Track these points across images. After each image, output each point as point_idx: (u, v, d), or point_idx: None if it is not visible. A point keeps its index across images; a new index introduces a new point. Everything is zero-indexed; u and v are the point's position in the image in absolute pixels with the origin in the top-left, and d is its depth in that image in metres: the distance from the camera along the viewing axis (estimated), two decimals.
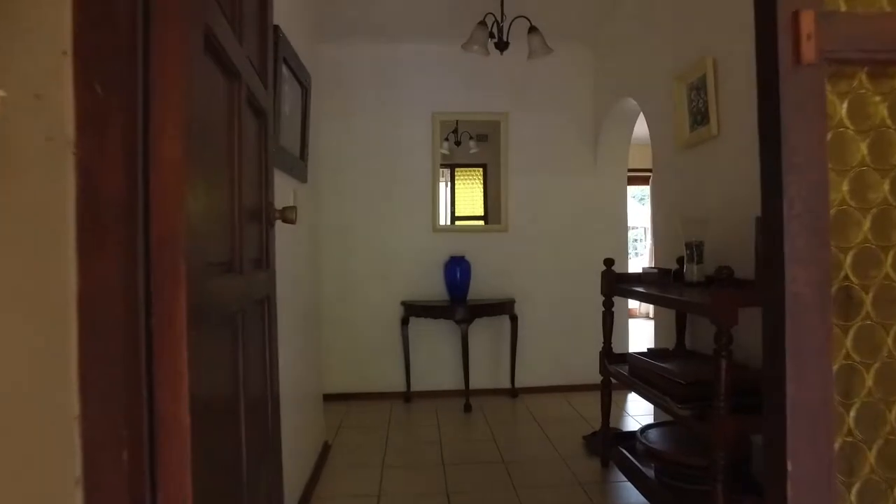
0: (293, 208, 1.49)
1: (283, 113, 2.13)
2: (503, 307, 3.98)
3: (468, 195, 4.56)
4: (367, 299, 4.15)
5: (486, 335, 4.24)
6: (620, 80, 3.80)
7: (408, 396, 4.09)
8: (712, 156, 2.60)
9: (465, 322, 3.80)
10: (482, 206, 4.70)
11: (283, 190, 2.19)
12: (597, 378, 4.20)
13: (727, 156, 2.49)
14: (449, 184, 4.59)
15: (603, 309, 2.78)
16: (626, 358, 2.76)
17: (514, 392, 4.18)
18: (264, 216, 1.44)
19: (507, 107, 4.28)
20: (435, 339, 4.21)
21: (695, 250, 2.51)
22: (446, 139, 4.48)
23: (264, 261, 1.45)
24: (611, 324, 2.78)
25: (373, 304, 4.15)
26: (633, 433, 2.80)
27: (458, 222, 4.42)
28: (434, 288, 4.19)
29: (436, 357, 4.21)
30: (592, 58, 4.35)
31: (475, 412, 3.82)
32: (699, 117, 2.67)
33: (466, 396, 3.85)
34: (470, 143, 4.57)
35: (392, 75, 4.19)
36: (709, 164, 2.64)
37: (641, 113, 3.58)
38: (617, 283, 2.71)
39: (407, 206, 4.19)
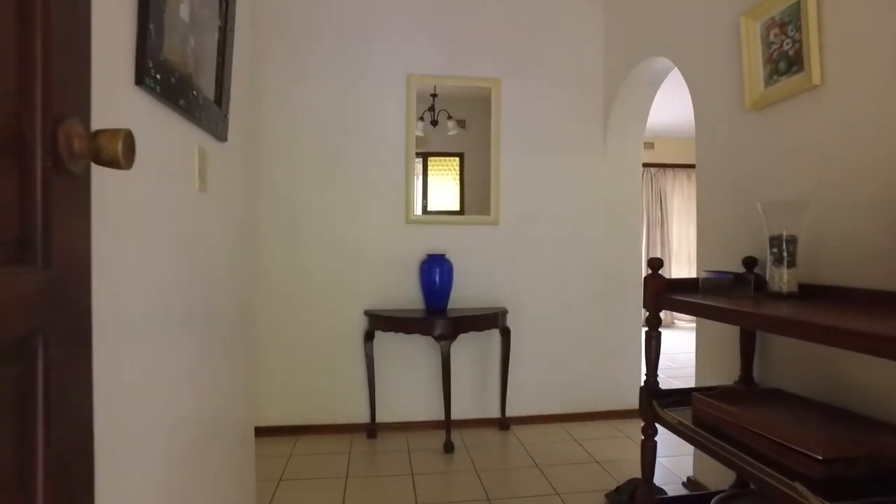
0: (119, 134, 0.66)
1: (178, 19, 1.28)
2: (493, 319, 3.17)
3: (442, 189, 3.75)
4: (321, 307, 3.29)
5: (470, 353, 3.43)
6: (644, 36, 3.04)
7: (372, 430, 3.25)
8: (807, 115, 1.85)
9: (447, 339, 2.98)
10: (458, 201, 3.90)
11: (168, 139, 1.34)
12: (602, 405, 3.46)
13: (836, 113, 1.74)
14: (421, 176, 3.77)
15: (646, 328, 2.00)
16: (679, 394, 1.99)
17: (504, 423, 3.38)
18: (31, 146, 0.60)
19: (498, 72, 3.48)
20: (407, 359, 3.38)
21: (784, 248, 1.76)
22: (421, 118, 3.65)
23: (34, 246, 0.61)
24: (657, 350, 2.01)
25: (328, 314, 3.30)
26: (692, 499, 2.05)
27: (437, 214, 3.60)
28: (406, 294, 3.36)
29: (408, 381, 3.38)
30: (602, 17, 3.59)
31: (458, 452, 3.00)
32: (784, 64, 1.92)
33: (447, 432, 3.03)
34: (448, 124, 3.75)
35: (359, 25, 3.34)
36: (800, 127, 1.89)
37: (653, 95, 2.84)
38: (667, 294, 1.94)
39: (374, 190, 3.35)
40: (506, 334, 3.31)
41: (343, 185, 3.31)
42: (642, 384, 2.02)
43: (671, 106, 5.50)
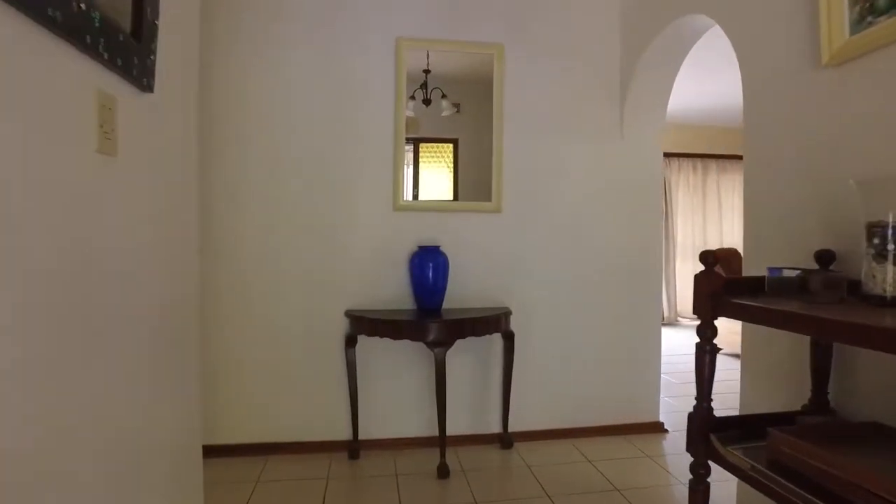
0: None
1: None
2: (495, 322, 2.73)
3: (435, 178, 3.29)
4: (295, 307, 2.84)
5: (468, 359, 3.00)
6: None
7: (354, 449, 2.81)
8: None
9: (442, 345, 2.54)
10: (452, 191, 3.46)
11: (36, 72, 0.89)
12: (616, 418, 3.04)
13: None
14: (411, 165, 3.32)
15: (701, 343, 1.57)
16: (736, 426, 1.57)
17: (506, 440, 2.95)
18: None
19: (501, 37, 3.03)
20: (395, 367, 2.94)
21: (892, 239, 1.33)
22: (412, 97, 3.20)
23: None
24: (711, 369, 1.58)
25: (304, 315, 2.85)
26: None
27: (430, 201, 3.15)
28: (394, 291, 2.92)
29: (396, 392, 2.94)
30: None
31: (454, 477, 2.57)
32: (884, 1, 1.49)
33: (442, 454, 2.60)
34: (442, 104, 3.30)
35: None
36: None
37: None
38: (726, 296, 1.51)
39: (357, 172, 2.90)
40: (509, 339, 2.88)
41: (322, 166, 2.85)
42: (693, 411, 1.60)
43: (676, 91, 5.07)
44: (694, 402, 1.62)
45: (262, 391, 2.82)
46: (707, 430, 1.53)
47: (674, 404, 3.65)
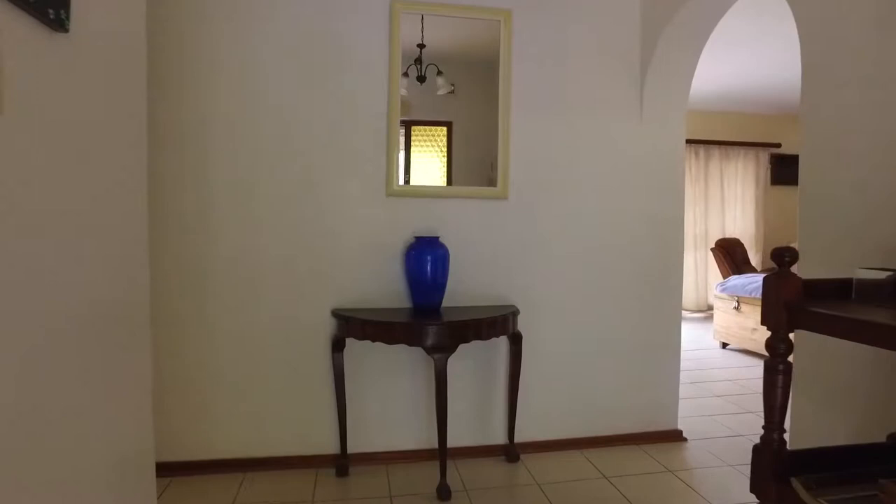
0: None
1: None
2: (502, 323, 2.42)
3: (426, 163, 2.95)
4: (276, 306, 2.51)
5: (470, 364, 2.69)
6: None
7: (343, 465, 2.49)
8: None
9: (443, 351, 2.23)
10: (444, 178, 3.13)
11: None
12: (631, 427, 2.76)
13: None
14: (403, 150, 2.99)
15: (772, 361, 1.27)
16: (813, 462, 1.27)
17: (512, 452, 2.65)
18: None
19: (508, 1, 2.70)
20: (388, 372, 2.62)
21: None
22: (405, 73, 2.86)
23: None
24: (784, 396, 1.27)
25: (285, 315, 2.52)
26: None
27: (428, 187, 2.82)
28: (388, 288, 2.59)
29: (390, 400, 2.63)
30: None
31: (456, 498, 2.27)
32: None
33: (442, 472, 2.30)
34: (438, 82, 2.95)
35: None
36: None
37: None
38: (805, 305, 1.21)
39: (345, 153, 2.56)
40: (516, 341, 2.57)
41: (305, 146, 2.51)
42: (760, 444, 1.30)
43: None
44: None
45: (239, 400, 2.50)
46: (780, 470, 1.23)
47: (686, 407, 3.36)
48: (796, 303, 1.22)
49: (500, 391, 2.72)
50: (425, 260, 2.42)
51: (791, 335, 1.28)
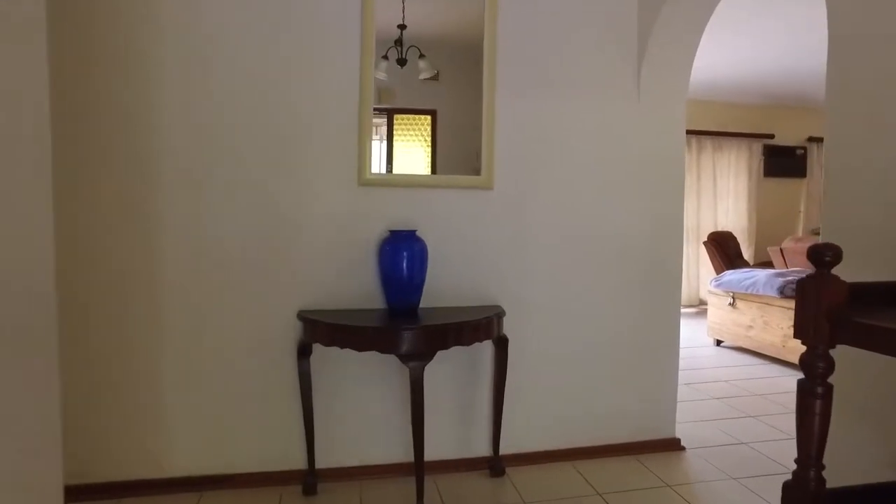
0: None
1: None
2: (486, 326, 2.19)
3: (410, 154, 2.71)
4: (235, 307, 2.25)
5: (451, 370, 2.46)
6: None
7: (310, 482, 2.26)
8: None
9: (419, 358, 1.99)
10: (429, 169, 2.89)
11: None
12: (626, 436, 2.56)
13: None
14: (385, 140, 2.74)
15: (809, 382, 1.04)
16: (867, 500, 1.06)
17: (496, 465, 2.43)
18: None
19: None
20: (361, 379, 2.38)
21: None
22: (385, 56, 2.61)
23: None
24: (823, 426, 1.05)
25: (246, 317, 2.27)
26: None
27: (403, 175, 2.57)
28: (360, 286, 2.35)
29: (362, 410, 2.39)
30: None
31: None
32: None
33: (419, 492, 2.06)
34: (420, 65, 2.70)
35: None
36: None
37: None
38: (853, 315, 0.99)
39: (312, 138, 2.30)
40: (502, 345, 2.34)
41: (270, 131, 2.25)
42: (793, 482, 1.07)
43: None
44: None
45: (193, 412, 2.24)
46: None
47: (682, 411, 3.15)
48: (841, 312, 1.00)
49: (483, 399, 2.50)
50: (400, 256, 2.17)
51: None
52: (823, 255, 1.02)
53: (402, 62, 2.63)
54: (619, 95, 2.58)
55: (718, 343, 4.96)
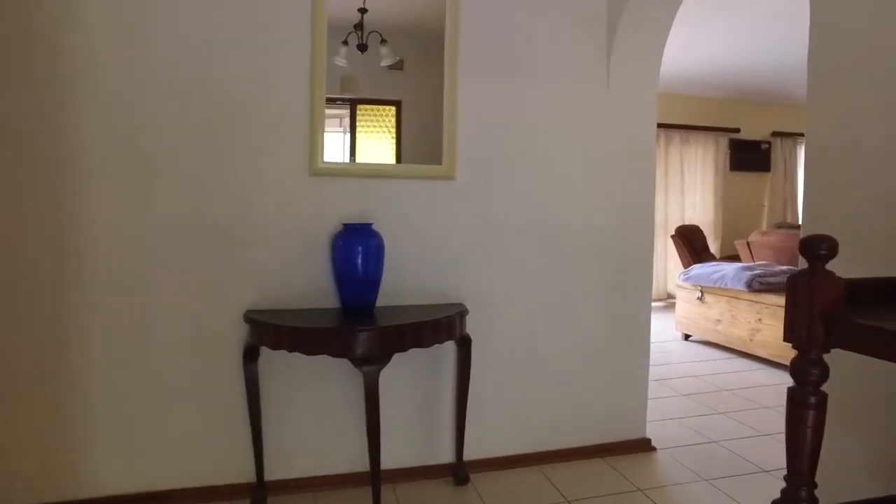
0: None
1: None
2: (447, 327, 2.04)
3: (374, 147, 2.54)
4: (175, 307, 2.06)
5: (410, 372, 2.31)
6: None
7: (259, 495, 2.09)
8: None
9: (375, 362, 1.83)
10: (394, 162, 2.74)
11: None
12: (595, 437, 2.46)
13: None
14: (348, 132, 2.57)
15: (800, 391, 0.93)
16: None
17: (460, 472, 2.29)
18: None
19: None
20: (315, 384, 2.21)
21: None
22: (344, 42, 2.43)
23: None
24: (815, 439, 0.93)
25: (187, 318, 2.07)
26: None
27: (359, 164, 2.40)
28: (312, 284, 2.18)
29: (316, 417, 2.23)
30: None
31: None
32: None
33: (375, 498, 1.91)
34: (382, 51, 2.54)
35: None
36: None
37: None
38: (851, 316, 0.87)
39: (260, 125, 2.11)
40: (464, 345, 2.20)
41: (211, 116, 2.05)
42: (781, 500, 0.96)
43: None
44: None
45: (130, 424, 2.04)
46: None
47: (651, 409, 3.06)
48: (838, 313, 0.88)
49: (446, 402, 2.35)
50: (355, 251, 2.01)
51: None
52: (817, 248, 0.90)
53: (362, 48, 2.47)
54: (588, 84, 2.46)
55: (686, 337, 4.93)
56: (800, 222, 6.85)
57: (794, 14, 4.32)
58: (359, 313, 2.04)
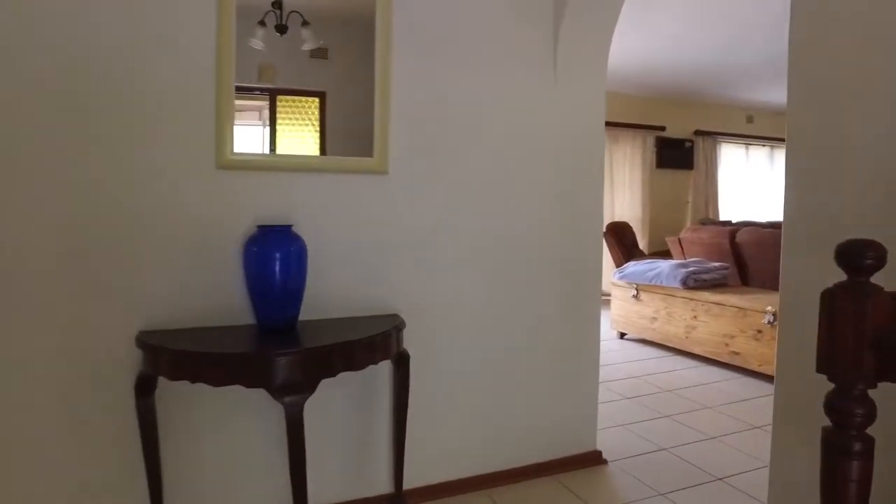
0: None
1: None
2: (383, 344, 1.76)
3: (296, 140, 2.23)
4: (44, 325, 1.66)
5: (339, 395, 2.02)
6: None
7: None
8: None
9: (296, 392, 1.54)
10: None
11: None
12: (544, 453, 2.28)
13: None
14: (268, 125, 2.23)
15: (840, 436, 0.74)
16: None
17: (399, 502, 2.03)
18: None
19: None
20: (224, 418, 1.88)
21: None
22: (261, 23, 2.11)
23: None
24: (863, 486, 0.75)
25: (63, 338, 1.68)
26: None
27: (277, 156, 2.07)
28: (221, 299, 1.84)
29: (229, 457, 1.89)
30: None
31: None
32: None
33: None
34: (303, 34, 2.23)
35: None
36: None
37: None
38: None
39: (152, 111, 1.75)
40: (402, 363, 1.94)
41: (98, 97, 1.67)
42: None
43: None
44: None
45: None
46: None
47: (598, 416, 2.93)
48: (890, 338, 0.70)
49: (382, 426, 2.08)
50: (272, 258, 1.70)
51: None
52: (862, 258, 0.71)
53: (281, 29, 2.15)
54: (534, 75, 2.26)
55: (622, 336, 4.89)
56: (720, 218, 6.97)
57: (719, 16, 4.36)
58: (278, 332, 1.73)
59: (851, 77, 1.20)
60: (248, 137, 2.08)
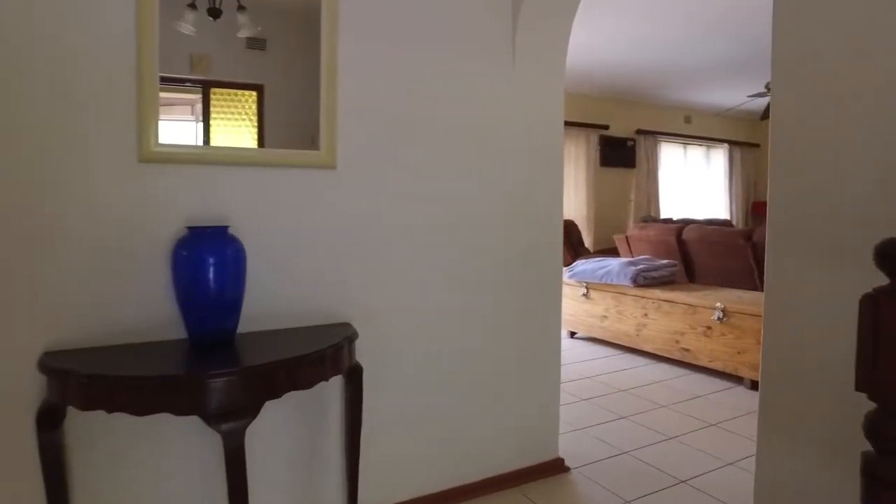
0: None
1: None
2: (332, 357, 1.58)
3: (232, 136, 2.01)
4: None
5: (284, 413, 1.82)
6: None
7: None
8: None
9: (236, 418, 1.34)
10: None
11: None
12: (506, 464, 2.16)
13: None
14: (201, 120, 2.00)
15: (884, 462, 0.64)
16: None
17: None
18: None
19: None
20: (149, 447, 1.65)
21: None
22: (192, 6, 1.88)
23: None
24: None
25: None
26: None
27: (211, 148, 1.86)
28: (145, 310, 1.61)
29: (154, 495, 1.66)
30: None
31: None
32: None
33: None
34: (239, 19, 2.02)
35: None
36: None
37: None
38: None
39: (61, 96, 1.51)
40: (355, 377, 1.76)
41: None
42: None
43: None
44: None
45: None
46: None
47: None
48: None
49: (333, 446, 1.90)
50: (204, 264, 1.49)
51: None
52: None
53: (215, 13, 1.93)
54: (491, 62, 2.14)
55: (572, 335, 4.86)
56: (661, 216, 7.10)
57: (663, 16, 4.39)
58: (213, 347, 1.53)
59: (840, 71, 1.14)
60: (180, 134, 1.87)
